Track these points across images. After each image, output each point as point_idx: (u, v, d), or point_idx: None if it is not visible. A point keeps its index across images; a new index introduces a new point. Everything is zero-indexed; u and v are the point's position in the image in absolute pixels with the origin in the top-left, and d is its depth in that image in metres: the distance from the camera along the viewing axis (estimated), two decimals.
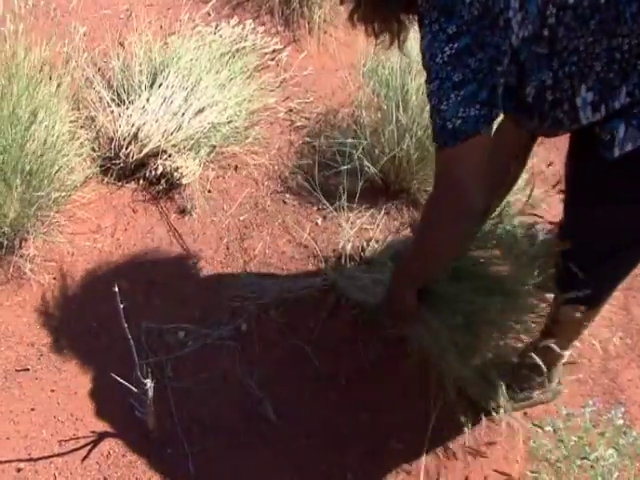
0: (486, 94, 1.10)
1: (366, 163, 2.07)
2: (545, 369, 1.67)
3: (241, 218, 2.08)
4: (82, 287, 1.88)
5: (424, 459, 1.66)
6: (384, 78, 2.15)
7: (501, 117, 1.26)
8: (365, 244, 1.98)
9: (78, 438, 1.63)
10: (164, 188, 2.10)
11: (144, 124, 2.06)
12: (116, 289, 1.32)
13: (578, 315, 1.51)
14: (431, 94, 1.13)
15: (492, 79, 1.09)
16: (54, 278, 1.89)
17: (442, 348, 1.47)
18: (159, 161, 2.07)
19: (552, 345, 1.55)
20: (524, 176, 1.73)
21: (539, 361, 1.57)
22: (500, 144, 1.35)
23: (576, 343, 1.72)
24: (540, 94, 1.14)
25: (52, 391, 1.70)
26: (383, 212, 2.11)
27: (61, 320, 1.82)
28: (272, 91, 2.38)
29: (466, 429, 1.70)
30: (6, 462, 1.57)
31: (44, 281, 1.88)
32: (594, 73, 1.08)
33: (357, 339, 1.81)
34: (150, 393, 1.51)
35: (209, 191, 2.13)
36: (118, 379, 1.49)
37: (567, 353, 1.67)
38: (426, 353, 1.54)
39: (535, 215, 1.79)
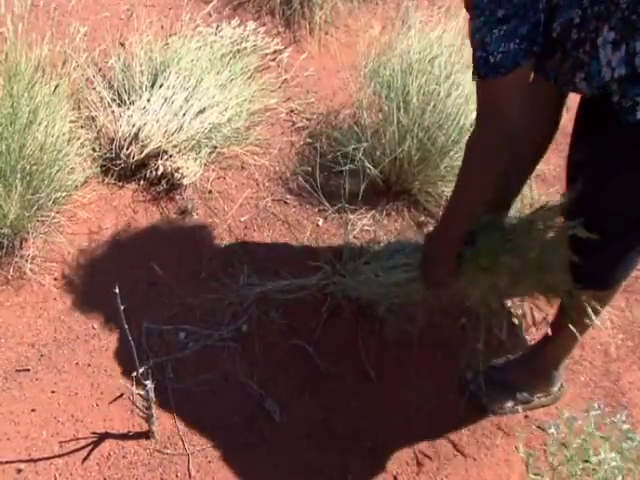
0: (527, 29, 1.14)
1: (367, 164, 2.07)
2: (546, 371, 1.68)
3: (242, 219, 2.08)
4: (82, 288, 1.88)
5: (425, 460, 1.66)
6: (385, 79, 2.15)
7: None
8: (366, 245, 1.98)
9: (78, 439, 1.63)
10: (165, 189, 2.09)
11: (145, 124, 2.06)
12: (116, 290, 1.32)
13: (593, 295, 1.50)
14: (475, 31, 1.18)
15: (534, 15, 1.14)
16: (54, 279, 1.89)
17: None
18: (160, 162, 2.07)
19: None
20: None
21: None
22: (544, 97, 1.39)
23: (578, 345, 1.72)
24: (565, 31, 1.17)
25: (52, 392, 1.69)
26: (384, 213, 2.10)
27: (61, 321, 1.81)
28: (273, 92, 2.38)
29: (467, 431, 1.70)
30: (6, 463, 1.57)
31: (44, 282, 1.87)
32: (619, 11, 1.10)
33: (358, 339, 1.81)
34: (151, 394, 1.51)
35: (210, 192, 2.12)
36: (118, 380, 1.49)
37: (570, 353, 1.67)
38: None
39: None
